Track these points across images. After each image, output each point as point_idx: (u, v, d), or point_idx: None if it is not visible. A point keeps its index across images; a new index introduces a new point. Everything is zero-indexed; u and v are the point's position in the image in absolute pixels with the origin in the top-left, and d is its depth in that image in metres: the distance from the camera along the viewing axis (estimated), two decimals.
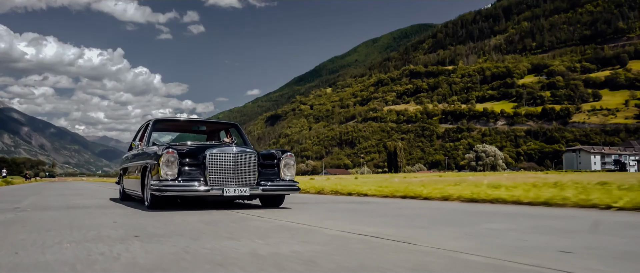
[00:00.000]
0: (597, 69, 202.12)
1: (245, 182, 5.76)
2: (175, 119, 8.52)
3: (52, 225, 4.26)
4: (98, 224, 4.30)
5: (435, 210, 5.89)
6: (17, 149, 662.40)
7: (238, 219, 4.69)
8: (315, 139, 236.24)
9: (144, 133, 7.80)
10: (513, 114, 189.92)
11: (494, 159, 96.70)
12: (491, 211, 5.67)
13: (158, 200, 5.76)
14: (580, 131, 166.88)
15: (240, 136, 7.84)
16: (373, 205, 6.99)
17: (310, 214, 5.37)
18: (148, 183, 6.00)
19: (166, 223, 4.25)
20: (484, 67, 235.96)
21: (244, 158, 5.80)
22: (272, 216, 4.98)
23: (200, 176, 5.65)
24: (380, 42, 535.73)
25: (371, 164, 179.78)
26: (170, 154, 5.55)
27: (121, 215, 5.34)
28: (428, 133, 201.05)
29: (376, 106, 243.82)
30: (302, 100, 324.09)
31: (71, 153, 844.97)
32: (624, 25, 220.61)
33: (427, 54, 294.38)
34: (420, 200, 7.90)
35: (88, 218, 4.90)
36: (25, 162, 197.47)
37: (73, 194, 12.25)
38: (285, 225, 4.10)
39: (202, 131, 8.83)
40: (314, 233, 3.50)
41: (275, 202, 6.46)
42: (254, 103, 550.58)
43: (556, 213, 5.29)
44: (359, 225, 4.08)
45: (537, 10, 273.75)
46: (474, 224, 4.19)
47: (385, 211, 5.84)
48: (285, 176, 6.26)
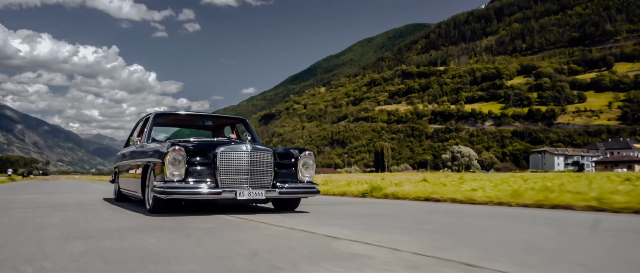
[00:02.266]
0: (583, 71, 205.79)
1: (260, 184, 5.27)
2: (178, 113, 7.78)
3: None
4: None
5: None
6: (10, 147, 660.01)
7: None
8: (308, 139, 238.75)
9: (144, 127, 7.17)
10: (500, 115, 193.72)
11: (469, 160, 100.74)
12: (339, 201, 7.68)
13: (162, 203, 5.26)
14: (564, 132, 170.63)
15: (249, 132, 7.26)
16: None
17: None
18: (150, 183, 5.49)
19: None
20: (474, 68, 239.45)
21: (259, 157, 5.31)
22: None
23: (210, 176, 5.13)
24: (376, 42, 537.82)
25: (361, 163, 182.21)
26: (177, 152, 5.01)
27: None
28: (417, 133, 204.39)
29: (368, 106, 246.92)
30: (296, 99, 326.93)
31: (65, 151, 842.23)
32: (611, 28, 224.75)
33: (420, 55, 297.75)
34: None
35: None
36: (18, 160, 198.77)
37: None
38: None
39: (207, 127, 8.34)
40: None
41: (290, 205, 6.01)
42: (249, 102, 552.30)
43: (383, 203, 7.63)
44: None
45: (528, 12, 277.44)
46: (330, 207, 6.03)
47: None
48: (304, 178, 5.77)
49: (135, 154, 6.73)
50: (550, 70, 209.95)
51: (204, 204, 6.43)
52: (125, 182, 7.32)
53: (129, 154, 7.29)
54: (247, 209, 6.08)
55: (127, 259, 2.50)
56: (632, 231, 3.95)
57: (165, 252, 2.74)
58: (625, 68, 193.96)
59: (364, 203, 7.62)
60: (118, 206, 6.89)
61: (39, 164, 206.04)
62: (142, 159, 6.04)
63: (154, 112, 7.22)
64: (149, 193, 5.55)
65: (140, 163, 6.06)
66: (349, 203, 7.58)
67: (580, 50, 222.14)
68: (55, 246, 2.97)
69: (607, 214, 5.36)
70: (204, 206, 6.32)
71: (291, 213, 5.57)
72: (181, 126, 8.54)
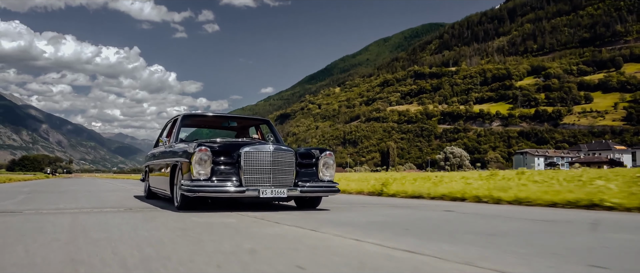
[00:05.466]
0: (593, 72, 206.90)
1: (282, 183, 5.46)
2: (205, 115, 8.08)
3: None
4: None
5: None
6: (35, 146, 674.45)
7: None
8: (321, 138, 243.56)
9: (173, 128, 7.40)
10: (508, 115, 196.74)
11: (460, 160, 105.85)
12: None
13: (190, 201, 5.47)
14: (569, 132, 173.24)
15: (273, 133, 7.49)
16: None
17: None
18: (178, 182, 5.73)
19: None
20: (485, 69, 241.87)
21: (282, 156, 5.51)
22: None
23: (234, 175, 5.34)
24: (392, 42, 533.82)
25: (371, 162, 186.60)
26: (203, 152, 5.22)
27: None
28: (426, 133, 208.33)
29: (379, 106, 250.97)
30: (311, 99, 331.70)
31: (87, 150, 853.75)
32: (622, 29, 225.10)
33: (433, 55, 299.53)
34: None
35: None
36: (43, 159, 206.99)
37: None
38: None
39: (232, 128, 8.56)
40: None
41: (312, 204, 6.20)
42: (266, 101, 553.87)
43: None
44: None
45: (541, 13, 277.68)
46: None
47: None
48: (324, 177, 5.92)
49: (164, 154, 7.00)
50: (559, 71, 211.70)
51: (227, 201, 6.64)
52: (155, 180, 7.57)
53: (158, 154, 7.55)
54: (269, 207, 6.29)
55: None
56: (472, 214, 5.19)
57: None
58: (634, 69, 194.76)
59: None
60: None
61: (62, 162, 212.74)
62: (170, 158, 6.31)
63: (182, 113, 7.44)
64: (177, 191, 5.79)
65: (169, 162, 6.32)
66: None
67: (590, 51, 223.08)
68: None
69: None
70: (227, 203, 6.51)
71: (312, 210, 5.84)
72: (207, 127, 8.89)
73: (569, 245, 3.08)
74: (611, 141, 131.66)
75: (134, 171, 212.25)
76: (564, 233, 3.72)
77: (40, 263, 2.28)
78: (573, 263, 2.43)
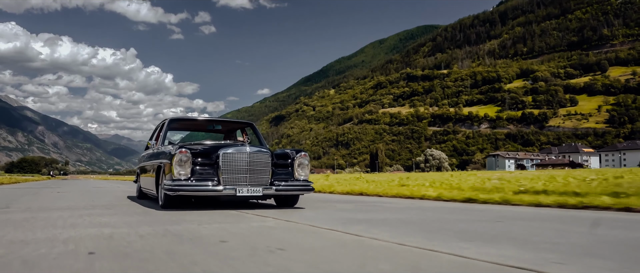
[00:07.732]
0: (579, 75, 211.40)
1: (258, 182, 5.71)
2: (191, 119, 8.41)
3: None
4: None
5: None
6: (31, 148, 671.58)
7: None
8: (314, 140, 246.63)
9: (160, 132, 7.74)
10: (495, 118, 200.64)
11: (439, 162, 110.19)
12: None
13: (171, 200, 5.73)
14: (554, 134, 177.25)
15: (256, 135, 7.85)
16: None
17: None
18: (162, 182, 5.97)
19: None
20: (476, 72, 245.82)
21: (258, 157, 5.74)
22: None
23: (213, 175, 5.60)
24: (387, 43, 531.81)
25: (363, 164, 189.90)
26: (183, 153, 5.50)
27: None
28: (417, 135, 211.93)
29: (372, 108, 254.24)
30: (306, 101, 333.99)
31: (83, 151, 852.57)
32: (608, 33, 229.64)
33: (426, 58, 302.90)
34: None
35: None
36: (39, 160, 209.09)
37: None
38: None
39: (218, 131, 8.83)
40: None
41: (289, 202, 6.43)
42: (262, 103, 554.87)
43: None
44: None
45: (531, 16, 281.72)
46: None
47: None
48: (299, 176, 6.20)
49: (151, 156, 7.39)
50: (547, 74, 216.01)
51: (209, 200, 6.96)
52: (144, 181, 7.99)
53: (146, 157, 7.98)
54: (249, 205, 6.63)
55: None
56: (399, 210, 5.86)
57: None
58: (619, 72, 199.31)
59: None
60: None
61: (58, 164, 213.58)
62: (155, 160, 6.62)
63: (168, 118, 7.77)
64: (161, 191, 6.09)
65: (155, 164, 6.60)
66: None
67: (577, 54, 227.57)
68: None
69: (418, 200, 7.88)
70: (210, 202, 6.89)
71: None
72: (194, 130, 9.23)
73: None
74: (580, 144, 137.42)
75: (129, 172, 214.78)
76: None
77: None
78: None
